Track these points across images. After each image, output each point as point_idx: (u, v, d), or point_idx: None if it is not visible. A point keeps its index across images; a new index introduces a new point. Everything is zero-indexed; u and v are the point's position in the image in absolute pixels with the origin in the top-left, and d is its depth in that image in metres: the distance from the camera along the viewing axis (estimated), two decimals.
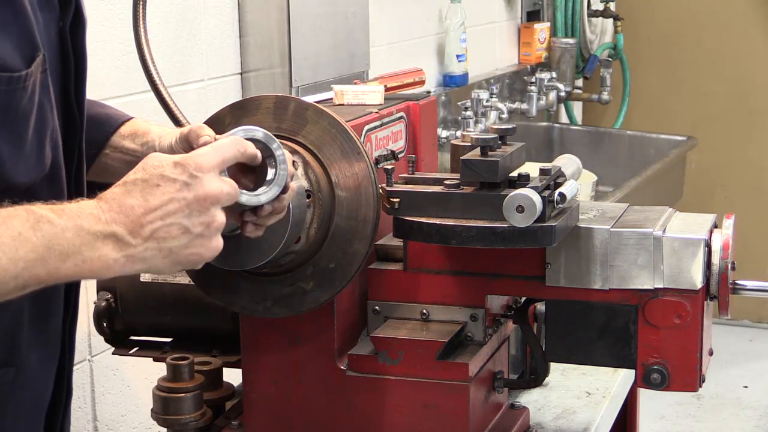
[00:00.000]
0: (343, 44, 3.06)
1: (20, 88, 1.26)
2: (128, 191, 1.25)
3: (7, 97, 1.25)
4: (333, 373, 1.66)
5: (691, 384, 1.60)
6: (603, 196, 3.46)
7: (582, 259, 1.60)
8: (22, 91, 1.27)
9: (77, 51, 1.42)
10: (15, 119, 1.26)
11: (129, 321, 1.87)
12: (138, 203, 1.24)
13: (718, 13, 5.43)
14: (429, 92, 2.03)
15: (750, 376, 5.01)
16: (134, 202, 1.24)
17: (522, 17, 4.68)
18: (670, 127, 5.04)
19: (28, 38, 1.28)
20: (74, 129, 1.43)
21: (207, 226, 1.27)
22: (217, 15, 2.77)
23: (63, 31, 1.39)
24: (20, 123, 1.27)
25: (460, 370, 1.61)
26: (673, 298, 1.58)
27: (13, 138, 1.26)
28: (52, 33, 1.37)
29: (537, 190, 1.50)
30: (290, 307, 1.60)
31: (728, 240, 1.59)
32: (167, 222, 1.24)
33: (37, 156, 1.31)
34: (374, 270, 1.70)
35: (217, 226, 1.28)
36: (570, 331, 1.65)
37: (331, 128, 1.57)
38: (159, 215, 1.24)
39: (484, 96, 3.86)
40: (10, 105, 1.25)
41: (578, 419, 1.87)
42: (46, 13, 1.36)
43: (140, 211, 1.24)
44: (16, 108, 1.26)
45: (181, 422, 1.75)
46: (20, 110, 1.27)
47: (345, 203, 1.57)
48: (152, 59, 1.78)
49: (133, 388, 2.53)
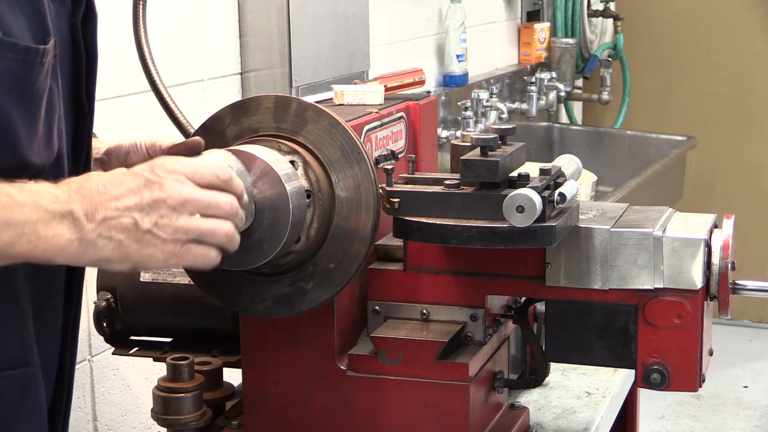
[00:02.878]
0: (343, 44, 3.06)
1: (37, 62, 1.25)
2: (89, 178, 1.27)
3: (25, 69, 1.24)
4: (333, 373, 1.66)
5: (691, 384, 1.60)
6: (603, 196, 3.46)
7: (582, 259, 1.60)
8: (39, 67, 1.26)
9: (88, 46, 1.42)
10: (30, 96, 1.25)
11: (129, 321, 1.87)
12: (98, 189, 1.25)
13: (718, 13, 5.43)
14: (429, 92, 2.03)
15: (750, 376, 5.01)
16: (94, 186, 1.25)
17: (522, 17, 4.68)
18: (670, 127, 5.04)
19: (40, 22, 1.27)
20: (84, 125, 1.43)
21: (160, 226, 1.26)
22: (217, 15, 2.77)
23: (75, 26, 1.39)
24: (35, 101, 1.26)
25: (460, 370, 1.61)
26: (673, 298, 1.58)
27: (27, 115, 1.25)
28: (63, 27, 1.37)
29: (537, 190, 1.50)
30: (290, 307, 1.60)
31: (728, 240, 1.59)
32: (122, 212, 1.25)
33: (48, 139, 1.30)
34: (374, 270, 1.70)
35: (175, 231, 1.27)
36: (570, 331, 1.65)
37: (331, 128, 1.57)
38: (114, 205, 1.25)
39: (484, 96, 3.87)
40: (27, 79, 1.24)
41: (578, 419, 1.87)
42: (58, 6, 1.35)
43: (99, 197, 1.24)
44: (33, 84, 1.25)
45: (181, 422, 1.75)
46: (36, 87, 1.26)
47: (345, 203, 1.57)
48: (152, 59, 1.78)
49: (133, 388, 2.53)
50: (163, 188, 1.28)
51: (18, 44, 1.23)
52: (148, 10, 1.79)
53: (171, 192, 1.28)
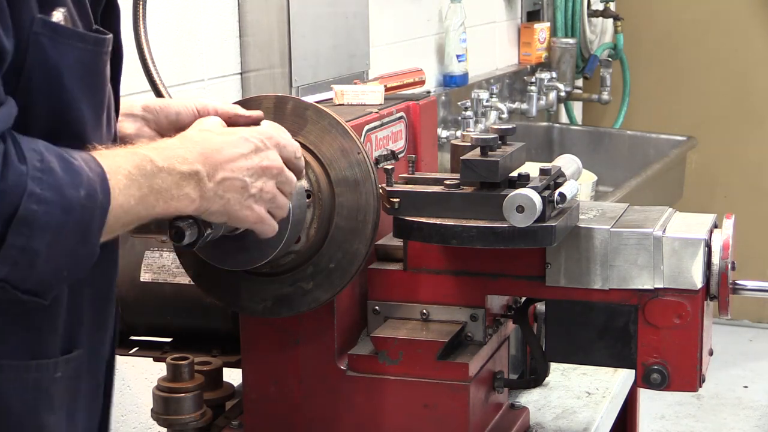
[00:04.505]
0: (343, 44, 3.06)
1: (103, 52, 1.28)
2: (207, 138, 1.36)
3: (94, 58, 1.27)
4: (333, 373, 1.66)
5: (691, 384, 1.60)
6: (603, 196, 3.45)
7: (582, 259, 1.60)
8: (104, 56, 1.29)
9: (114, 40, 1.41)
10: (97, 85, 1.29)
11: (129, 321, 1.87)
12: (216, 149, 1.34)
13: (718, 14, 5.42)
14: (429, 92, 2.03)
15: (750, 376, 5.01)
16: (213, 147, 1.34)
17: (522, 17, 4.68)
18: (670, 127, 5.04)
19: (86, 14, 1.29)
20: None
21: (262, 191, 1.37)
22: (217, 15, 2.77)
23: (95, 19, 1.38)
24: (100, 90, 1.30)
25: (460, 370, 1.61)
26: (673, 298, 1.58)
27: (95, 104, 1.29)
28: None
29: (537, 190, 1.50)
30: (290, 307, 1.60)
31: (728, 240, 1.59)
32: (236, 174, 1.34)
33: (108, 127, 1.34)
34: (374, 270, 1.70)
35: (271, 198, 1.39)
36: (570, 331, 1.65)
37: (331, 128, 1.57)
38: (231, 166, 1.34)
39: (484, 96, 3.86)
40: (94, 69, 1.28)
41: (578, 419, 1.87)
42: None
43: (218, 156, 1.33)
44: (99, 73, 1.29)
45: (181, 422, 1.75)
46: (101, 77, 1.30)
47: (345, 203, 1.57)
48: (152, 59, 1.78)
49: (133, 388, 2.53)
50: (269, 158, 1.39)
51: (87, 35, 1.25)
52: (148, 10, 1.79)
53: (274, 162, 1.39)
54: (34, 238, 1.13)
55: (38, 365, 1.28)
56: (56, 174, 1.15)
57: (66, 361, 1.32)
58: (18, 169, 1.13)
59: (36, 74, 1.20)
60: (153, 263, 1.83)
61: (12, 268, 1.13)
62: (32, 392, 1.27)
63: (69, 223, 1.16)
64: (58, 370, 1.30)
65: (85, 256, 1.20)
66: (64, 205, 1.15)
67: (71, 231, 1.17)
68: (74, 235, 1.17)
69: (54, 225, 1.15)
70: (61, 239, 1.16)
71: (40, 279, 1.17)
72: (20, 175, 1.12)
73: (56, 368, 1.30)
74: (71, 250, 1.18)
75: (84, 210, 1.17)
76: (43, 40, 1.20)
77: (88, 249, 1.19)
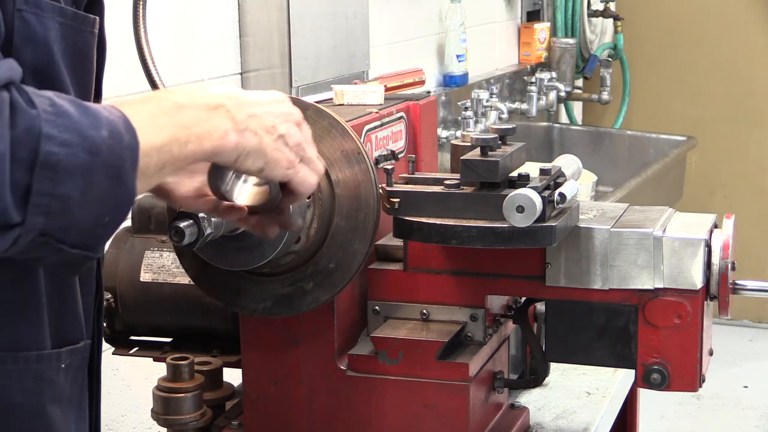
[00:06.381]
0: (343, 44, 3.07)
1: (88, 32, 1.27)
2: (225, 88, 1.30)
3: (79, 36, 1.25)
4: (333, 373, 1.66)
5: (691, 384, 1.60)
6: (603, 196, 3.46)
7: (582, 259, 1.60)
8: (90, 36, 1.27)
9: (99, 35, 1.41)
10: (82, 63, 1.26)
11: (129, 321, 1.87)
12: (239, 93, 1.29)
13: (718, 13, 5.43)
14: (429, 92, 2.03)
15: (750, 376, 5.01)
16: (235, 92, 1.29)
17: (522, 17, 4.68)
18: (670, 127, 5.04)
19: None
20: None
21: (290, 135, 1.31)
22: (217, 15, 2.77)
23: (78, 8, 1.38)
24: (87, 73, 1.27)
25: (460, 370, 1.61)
26: (673, 298, 1.58)
27: (81, 83, 1.26)
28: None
29: (537, 190, 1.50)
30: (290, 307, 1.60)
31: (728, 240, 1.59)
32: (264, 114, 1.29)
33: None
34: (374, 270, 1.70)
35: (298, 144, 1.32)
36: (570, 331, 1.65)
37: (331, 128, 1.57)
38: (257, 108, 1.28)
39: (484, 96, 3.87)
40: (82, 46, 1.25)
41: (578, 419, 1.87)
42: None
43: (242, 97, 1.28)
44: (86, 51, 1.26)
45: (181, 422, 1.75)
46: (87, 57, 1.27)
47: (345, 203, 1.57)
48: (152, 59, 1.78)
49: (133, 388, 2.53)
50: (289, 106, 1.34)
51: (66, 9, 1.23)
52: (148, 10, 1.79)
53: (295, 111, 1.35)
54: (61, 182, 1.07)
55: (38, 356, 1.26)
56: (72, 116, 1.09)
57: (70, 352, 1.31)
58: (28, 113, 1.06)
59: (25, 51, 1.18)
60: (153, 263, 1.83)
61: (47, 218, 1.07)
62: (34, 384, 1.26)
63: (97, 164, 1.10)
64: (62, 361, 1.29)
65: (123, 199, 1.14)
66: (86, 146, 1.09)
67: (101, 173, 1.11)
68: (106, 178, 1.11)
69: (80, 167, 1.09)
70: (92, 182, 1.10)
71: (81, 228, 1.11)
72: (32, 119, 1.06)
73: (59, 359, 1.29)
74: (106, 194, 1.12)
75: (111, 150, 1.11)
76: (28, 15, 1.18)
77: (124, 191, 1.13)
